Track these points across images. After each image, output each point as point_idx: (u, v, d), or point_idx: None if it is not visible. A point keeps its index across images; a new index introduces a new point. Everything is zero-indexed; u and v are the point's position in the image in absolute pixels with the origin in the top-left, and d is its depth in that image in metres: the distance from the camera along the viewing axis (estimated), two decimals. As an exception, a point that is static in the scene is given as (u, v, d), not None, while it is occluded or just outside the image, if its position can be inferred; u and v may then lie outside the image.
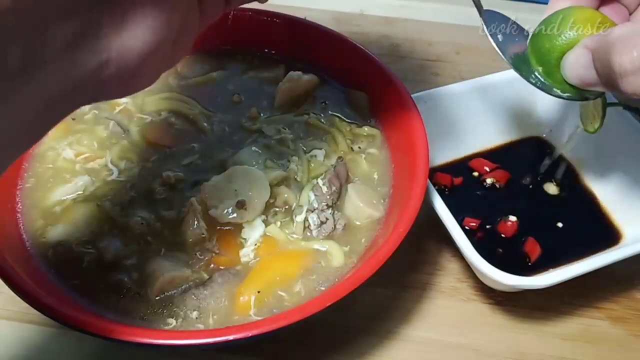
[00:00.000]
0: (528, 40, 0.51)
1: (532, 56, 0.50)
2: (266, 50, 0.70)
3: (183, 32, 0.38)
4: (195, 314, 0.50)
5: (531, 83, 0.50)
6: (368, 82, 0.64)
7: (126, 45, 0.33)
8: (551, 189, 0.66)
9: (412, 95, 0.60)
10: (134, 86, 0.38)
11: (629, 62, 0.41)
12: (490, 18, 0.52)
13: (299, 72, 0.66)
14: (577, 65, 0.47)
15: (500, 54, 0.51)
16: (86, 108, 0.64)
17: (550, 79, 0.49)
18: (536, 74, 0.50)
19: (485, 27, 0.51)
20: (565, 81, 0.48)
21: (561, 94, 0.49)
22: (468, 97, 0.68)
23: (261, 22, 0.69)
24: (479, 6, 0.52)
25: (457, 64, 0.83)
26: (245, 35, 0.69)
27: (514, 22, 0.53)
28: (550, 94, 0.50)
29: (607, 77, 0.43)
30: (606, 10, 0.51)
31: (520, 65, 0.50)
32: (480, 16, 0.52)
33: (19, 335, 0.57)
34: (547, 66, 0.49)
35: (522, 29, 0.53)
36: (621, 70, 0.41)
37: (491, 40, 0.51)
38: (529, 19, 0.54)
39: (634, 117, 0.58)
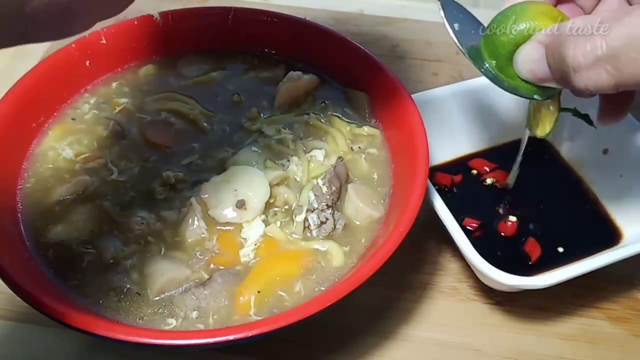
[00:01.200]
0: (482, 34, 0.50)
1: (485, 49, 0.49)
2: (266, 50, 0.70)
3: None
4: (195, 314, 0.50)
5: (485, 75, 0.49)
6: (368, 82, 0.64)
7: None
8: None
9: (412, 95, 0.60)
10: (67, 28, 0.35)
11: (582, 56, 0.40)
12: (448, 5, 0.51)
13: (299, 72, 0.66)
14: (529, 59, 0.46)
15: (456, 41, 0.50)
16: (86, 108, 0.64)
17: (503, 73, 0.49)
18: (489, 67, 0.49)
19: (442, 12, 0.50)
20: (519, 77, 0.48)
21: (514, 89, 0.48)
22: (468, 97, 0.68)
23: (261, 22, 0.69)
24: None
25: (457, 64, 0.83)
26: (245, 35, 0.69)
27: (471, 14, 0.52)
28: (504, 89, 0.49)
29: (560, 71, 0.43)
30: (562, 10, 0.50)
31: (476, 57, 0.50)
32: (438, 0, 0.51)
33: (19, 335, 0.57)
34: (500, 60, 0.48)
35: (479, 23, 0.52)
36: (574, 64, 0.40)
37: (447, 27, 0.50)
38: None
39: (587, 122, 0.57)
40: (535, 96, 0.49)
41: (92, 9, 0.35)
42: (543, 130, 0.53)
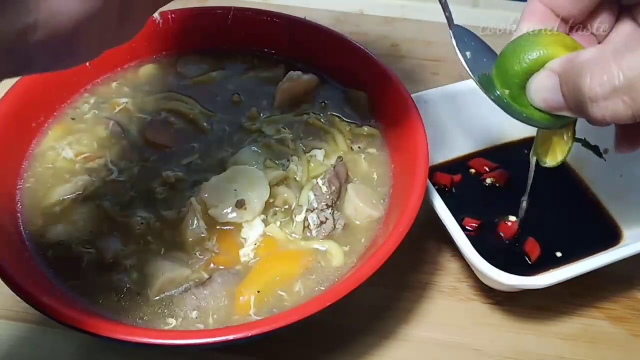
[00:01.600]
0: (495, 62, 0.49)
1: (497, 78, 0.48)
2: (266, 50, 0.70)
3: (133, 3, 0.36)
4: (195, 314, 0.50)
5: (497, 104, 0.48)
6: (368, 82, 0.64)
7: (57, 8, 0.31)
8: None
9: (412, 95, 0.60)
10: (70, 58, 0.35)
11: (599, 87, 0.39)
12: (460, 34, 0.51)
13: (299, 72, 0.66)
14: (543, 88, 0.45)
15: (469, 70, 0.49)
16: (86, 108, 0.64)
17: (516, 102, 0.48)
18: (501, 96, 0.48)
19: (454, 41, 0.50)
20: (532, 106, 0.47)
21: (527, 118, 0.48)
22: (468, 96, 0.67)
23: (261, 22, 0.69)
24: (449, 19, 0.50)
25: (457, 63, 0.82)
26: (245, 35, 0.69)
27: (484, 42, 0.51)
28: (516, 119, 0.48)
29: (575, 101, 0.42)
30: (575, 38, 0.49)
31: (488, 85, 0.49)
32: (450, 29, 0.50)
33: (19, 335, 0.57)
34: (513, 89, 0.47)
35: (492, 51, 0.51)
36: (591, 94, 0.40)
37: (460, 56, 0.50)
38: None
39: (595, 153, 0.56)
40: (551, 126, 0.48)
41: (97, 40, 0.35)
42: (554, 159, 0.52)
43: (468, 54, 0.50)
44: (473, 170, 0.67)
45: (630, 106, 0.39)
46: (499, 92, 0.48)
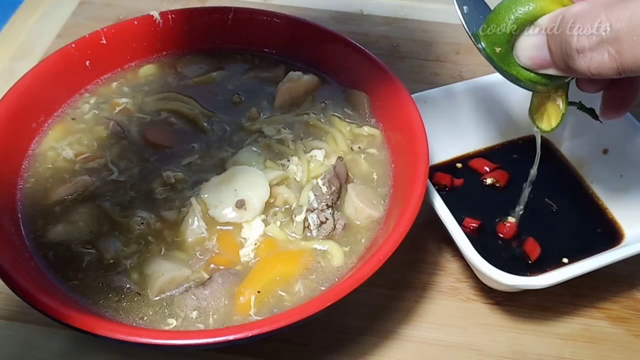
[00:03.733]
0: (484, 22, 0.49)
1: (488, 36, 0.48)
2: (266, 50, 0.70)
3: None
4: (195, 314, 0.50)
5: (488, 60, 0.49)
6: (368, 82, 0.64)
7: None
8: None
9: (412, 95, 0.60)
10: None
11: (586, 37, 0.40)
12: None
13: (299, 72, 0.66)
14: (530, 46, 0.46)
15: (464, 24, 0.49)
16: (86, 108, 0.64)
17: (504, 60, 0.48)
18: (490, 54, 0.48)
19: None
20: (519, 65, 0.47)
21: (514, 77, 0.48)
22: (468, 97, 0.68)
23: (261, 22, 0.69)
24: None
25: (457, 64, 0.83)
26: (245, 35, 0.69)
27: (483, 0, 0.51)
28: (506, 77, 0.48)
29: (562, 54, 0.42)
30: None
31: (480, 42, 0.49)
32: None
33: (19, 335, 0.57)
34: (503, 46, 0.47)
35: (489, 8, 0.50)
36: (579, 45, 0.41)
37: (457, 9, 0.50)
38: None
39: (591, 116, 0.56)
40: (537, 87, 0.48)
41: None
42: (549, 124, 0.52)
43: (465, 8, 0.50)
44: (460, 164, 0.67)
45: (615, 58, 0.39)
46: (487, 49, 0.49)
